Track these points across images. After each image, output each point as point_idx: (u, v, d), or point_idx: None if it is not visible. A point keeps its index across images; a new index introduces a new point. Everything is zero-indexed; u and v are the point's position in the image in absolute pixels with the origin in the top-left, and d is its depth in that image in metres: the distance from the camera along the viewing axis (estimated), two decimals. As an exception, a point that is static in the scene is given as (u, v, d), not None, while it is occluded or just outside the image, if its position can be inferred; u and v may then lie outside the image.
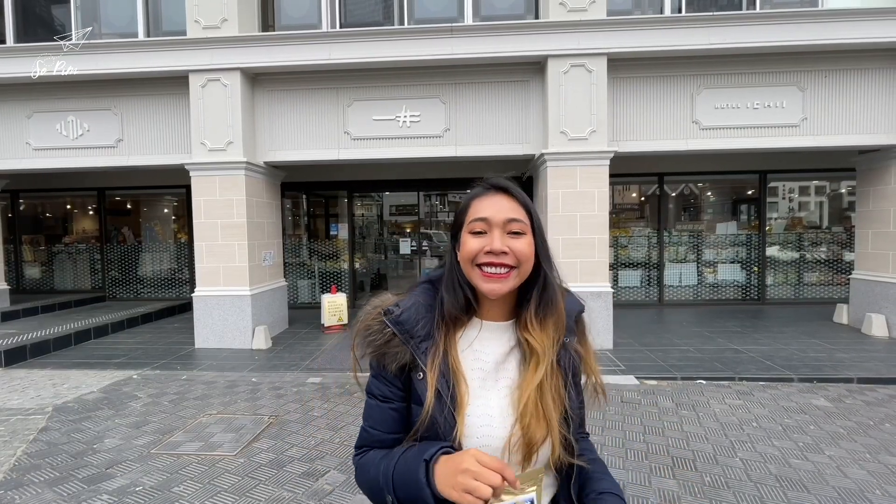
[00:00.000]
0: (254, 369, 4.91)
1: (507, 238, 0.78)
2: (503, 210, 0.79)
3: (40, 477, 2.82)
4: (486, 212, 0.79)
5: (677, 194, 8.44)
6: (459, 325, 0.83)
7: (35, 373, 4.87)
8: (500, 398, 0.80)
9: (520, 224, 0.79)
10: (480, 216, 0.79)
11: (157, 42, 5.69)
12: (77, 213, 9.67)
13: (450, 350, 0.81)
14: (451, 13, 5.99)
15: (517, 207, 0.80)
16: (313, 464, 2.96)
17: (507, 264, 0.77)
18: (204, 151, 5.68)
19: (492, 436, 0.77)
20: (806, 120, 5.56)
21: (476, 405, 0.79)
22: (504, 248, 0.77)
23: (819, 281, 8.06)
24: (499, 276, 0.77)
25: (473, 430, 0.77)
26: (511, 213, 0.79)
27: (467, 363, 0.81)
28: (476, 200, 0.81)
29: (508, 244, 0.78)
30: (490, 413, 0.78)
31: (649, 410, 3.75)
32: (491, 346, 0.83)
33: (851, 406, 3.77)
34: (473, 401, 0.79)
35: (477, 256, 0.78)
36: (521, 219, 0.79)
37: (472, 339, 0.83)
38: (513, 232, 0.79)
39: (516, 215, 0.79)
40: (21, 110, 6.14)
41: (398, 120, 5.83)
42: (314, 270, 8.64)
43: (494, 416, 0.78)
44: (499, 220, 0.78)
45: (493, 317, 0.84)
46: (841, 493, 2.57)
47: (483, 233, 0.79)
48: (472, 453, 0.69)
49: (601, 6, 5.37)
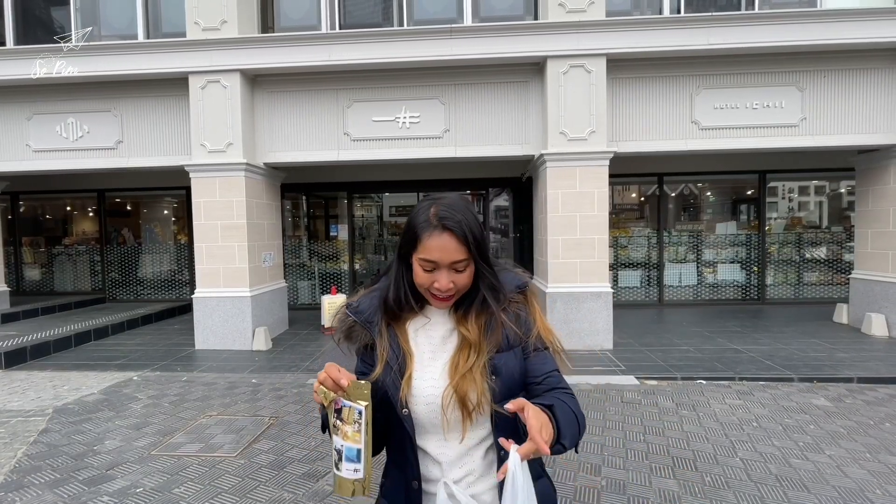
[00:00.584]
0: (254, 370, 4.91)
1: (452, 274, 0.94)
2: (449, 253, 0.92)
3: (41, 478, 2.82)
4: (435, 255, 0.93)
5: (677, 194, 8.44)
6: (410, 313, 1.03)
7: (35, 374, 4.87)
8: (442, 365, 0.99)
9: (463, 263, 0.94)
10: (429, 258, 0.93)
11: (156, 44, 5.69)
12: (77, 214, 9.68)
13: (398, 332, 1.01)
14: (450, 14, 6.00)
15: (460, 248, 0.93)
16: (314, 465, 2.96)
17: (452, 294, 0.97)
18: (204, 153, 5.68)
19: (435, 394, 0.96)
20: (805, 120, 5.57)
21: (424, 371, 0.98)
22: (450, 285, 0.94)
23: (819, 281, 8.06)
24: (446, 299, 0.98)
25: (420, 391, 0.96)
26: (456, 254, 0.93)
27: (419, 341, 1.02)
28: (426, 237, 0.93)
29: (453, 279, 0.95)
30: (434, 377, 0.98)
31: (649, 410, 3.75)
32: (437, 328, 1.03)
33: (851, 406, 3.77)
34: (422, 368, 0.99)
35: (429, 287, 0.96)
36: (464, 258, 0.93)
37: (423, 323, 1.04)
38: (457, 270, 0.94)
39: (460, 256, 0.93)
40: (21, 112, 6.15)
41: (398, 121, 5.83)
42: (314, 271, 8.64)
43: (437, 379, 0.97)
44: (445, 263, 0.93)
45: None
46: (841, 492, 2.57)
47: (432, 270, 0.95)
48: (327, 366, 0.87)
49: (600, 7, 5.38)
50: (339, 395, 0.85)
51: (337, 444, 0.86)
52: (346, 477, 0.86)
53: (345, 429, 0.85)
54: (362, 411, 0.84)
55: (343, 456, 0.85)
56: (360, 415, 0.84)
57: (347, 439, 0.85)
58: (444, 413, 0.94)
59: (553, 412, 0.85)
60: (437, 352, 1.01)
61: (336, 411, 0.85)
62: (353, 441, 0.84)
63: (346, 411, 0.85)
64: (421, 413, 0.96)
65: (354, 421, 0.84)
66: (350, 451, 0.85)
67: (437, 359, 1.00)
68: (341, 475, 0.86)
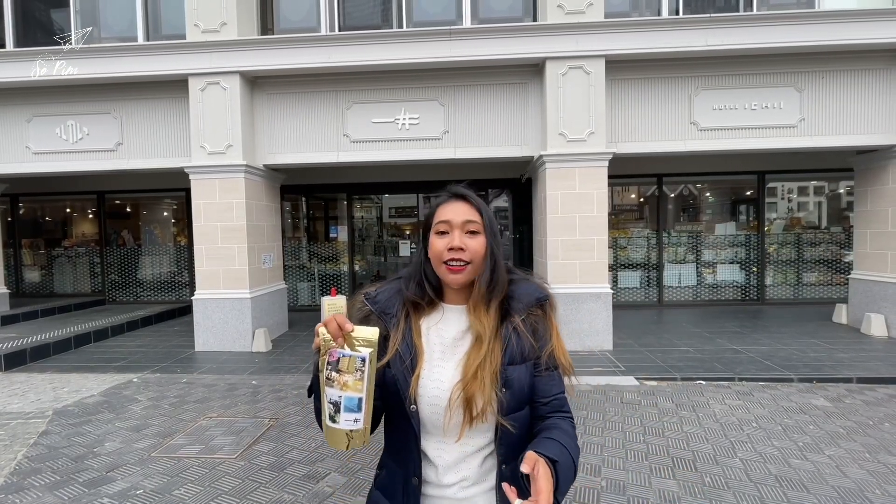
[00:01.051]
0: (254, 372, 4.91)
1: (465, 237, 0.98)
2: (461, 214, 0.98)
3: (41, 481, 2.82)
4: (448, 215, 0.99)
5: (676, 195, 8.45)
6: (424, 309, 1.03)
7: (35, 376, 4.87)
8: (452, 366, 0.98)
9: (475, 225, 0.98)
10: (444, 219, 0.99)
11: (156, 46, 5.70)
12: (76, 216, 9.68)
13: (413, 327, 1.01)
14: (449, 16, 6.01)
15: (473, 212, 0.99)
16: (314, 466, 2.97)
17: (464, 259, 0.97)
18: (203, 154, 5.69)
19: (440, 396, 0.95)
20: (803, 121, 5.58)
21: (432, 370, 0.97)
22: (461, 244, 0.96)
23: (818, 281, 8.07)
24: (459, 268, 0.97)
25: (426, 390, 0.96)
26: (468, 215, 0.98)
27: (430, 338, 1.01)
28: (441, 207, 1.01)
29: (465, 242, 0.97)
30: (441, 378, 0.97)
31: (649, 411, 3.75)
32: (450, 326, 1.02)
33: (851, 406, 3.78)
34: (430, 367, 0.98)
35: (443, 254, 0.97)
36: (476, 220, 0.99)
37: (437, 320, 1.03)
38: (470, 231, 0.98)
39: (472, 217, 0.98)
40: (21, 114, 6.15)
41: (397, 122, 5.84)
42: (314, 273, 8.65)
43: (444, 381, 0.96)
44: (458, 222, 0.98)
45: (453, 301, 1.04)
46: (841, 492, 2.57)
47: (446, 233, 0.98)
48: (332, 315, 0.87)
49: (599, 8, 5.39)
50: (337, 343, 0.83)
51: (333, 396, 0.84)
52: (344, 428, 0.84)
53: (343, 379, 0.83)
54: (366, 358, 0.83)
55: (342, 406, 0.83)
56: (364, 362, 0.83)
57: (347, 389, 0.83)
58: (447, 412, 0.93)
59: (556, 470, 0.82)
60: (448, 353, 1.00)
61: (331, 364, 0.84)
62: (353, 390, 0.83)
63: (345, 361, 0.83)
64: (424, 413, 0.96)
65: (356, 369, 0.83)
66: (350, 400, 0.83)
67: (447, 359, 0.99)
68: (338, 427, 0.84)
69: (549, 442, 0.89)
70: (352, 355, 0.83)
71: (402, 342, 0.99)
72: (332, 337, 0.84)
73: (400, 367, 0.97)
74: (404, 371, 0.96)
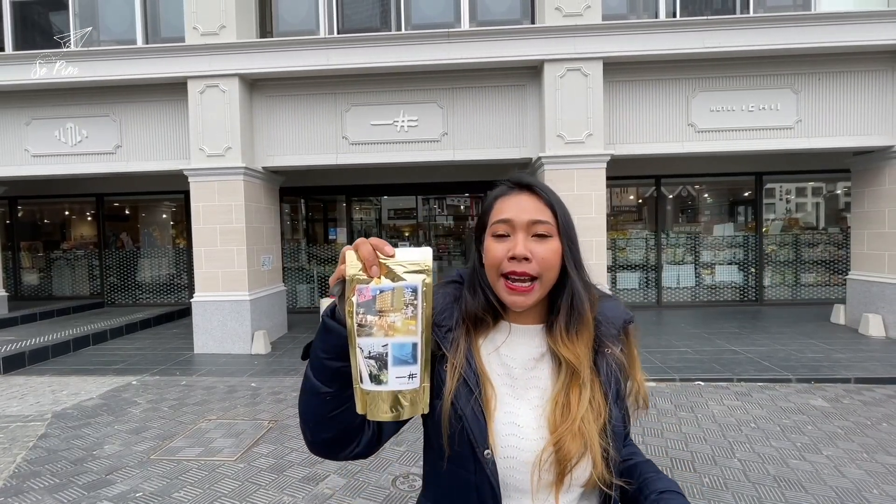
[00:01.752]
0: (253, 374, 4.91)
1: (532, 242, 0.74)
2: (527, 210, 0.75)
3: (40, 484, 2.82)
4: (509, 213, 0.75)
5: (674, 196, 8.48)
6: (483, 327, 0.79)
7: (34, 379, 4.86)
8: (530, 408, 0.74)
9: (545, 226, 0.74)
10: (503, 217, 0.75)
11: (155, 49, 5.71)
12: (75, 219, 9.68)
13: (473, 350, 0.77)
14: (448, 18, 6.03)
15: (542, 208, 0.75)
16: (313, 468, 2.97)
17: (530, 274, 0.73)
18: (203, 157, 5.69)
19: (519, 447, 0.71)
20: (800, 122, 5.60)
21: (502, 412, 0.73)
22: (527, 252, 0.72)
23: (816, 282, 8.09)
24: (523, 289, 0.73)
25: (499, 440, 0.71)
26: (535, 213, 0.75)
27: (492, 367, 0.77)
28: (499, 200, 0.78)
29: (532, 249, 0.73)
30: (518, 423, 0.73)
31: (648, 412, 3.75)
32: (519, 351, 0.78)
33: (849, 406, 3.79)
34: (500, 407, 0.74)
35: (502, 265, 0.74)
36: (547, 220, 0.75)
37: (498, 343, 0.79)
38: (538, 234, 0.74)
39: (541, 216, 0.75)
40: (20, 117, 6.16)
41: (396, 124, 5.86)
42: (313, 275, 8.65)
43: (523, 427, 0.72)
44: (522, 222, 0.74)
45: (522, 320, 0.79)
46: (839, 492, 2.58)
47: (507, 235, 0.75)
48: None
49: (596, 11, 5.41)
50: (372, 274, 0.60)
51: (374, 347, 0.60)
52: (394, 389, 0.61)
53: (387, 320, 0.59)
54: (417, 288, 0.60)
55: (390, 359, 0.60)
56: (416, 293, 0.60)
57: (396, 332, 0.60)
58: (535, 472, 0.70)
59: None
60: (518, 387, 0.76)
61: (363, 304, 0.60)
62: (405, 333, 0.60)
63: (386, 297, 0.59)
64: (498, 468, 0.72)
65: (406, 304, 0.60)
66: (402, 348, 0.60)
67: (520, 396, 0.76)
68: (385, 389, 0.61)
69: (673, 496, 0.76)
70: (396, 287, 0.60)
71: (468, 368, 0.74)
72: (365, 265, 0.60)
73: (468, 402, 0.72)
74: (473, 408, 0.72)
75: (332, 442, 0.72)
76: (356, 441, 0.73)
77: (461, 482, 0.73)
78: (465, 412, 0.71)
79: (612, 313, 0.81)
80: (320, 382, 0.68)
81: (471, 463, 0.71)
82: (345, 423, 0.70)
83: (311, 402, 0.70)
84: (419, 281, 0.60)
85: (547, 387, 0.76)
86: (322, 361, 0.67)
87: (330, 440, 0.72)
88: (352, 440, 0.73)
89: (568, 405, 0.72)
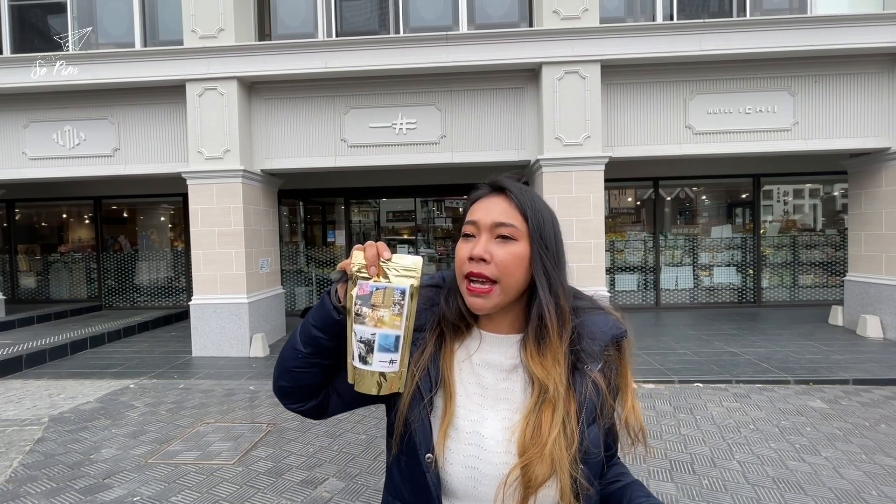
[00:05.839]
0: (252, 377, 4.89)
1: (493, 244, 0.71)
2: (493, 213, 0.72)
3: (37, 488, 2.80)
4: (477, 214, 0.73)
5: (672, 198, 8.50)
6: (459, 333, 0.78)
7: (31, 383, 4.84)
8: (497, 419, 0.72)
9: (510, 229, 0.71)
10: (471, 219, 0.74)
11: (154, 52, 5.72)
12: (73, 221, 9.66)
13: (444, 356, 0.76)
14: (446, 21, 6.05)
15: (511, 210, 0.72)
16: (312, 471, 2.96)
17: (486, 276, 0.70)
18: (201, 160, 5.69)
19: (481, 458, 0.69)
20: (797, 124, 5.63)
21: (465, 420, 0.72)
22: (484, 254, 0.70)
23: (814, 283, 8.11)
24: (480, 290, 0.71)
25: (460, 448, 0.71)
26: (501, 216, 0.71)
27: (463, 375, 0.76)
28: (476, 202, 0.76)
29: (492, 250, 0.70)
30: (483, 433, 0.71)
31: (647, 414, 3.76)
32: (491, 360, 0.76)
33: (847, 407, 3.80)
34: (464, 416, 0.72)
35: (463, 266, 0.72)
36: (513, 223, 0.71)
37: (471, 351, 0.77)
38: (501, 236, 0.71)
39: (507, 219, 0.71)
40: (17, 120, 6.15)
41: (394, 127, 5.87)
42: (311, 277, 8.64)
43: (487, 438, 0.70)
44: (486, 223, 0.72)
45: (495, 328, 0.77)
46: (837, 494, 2.58)
47: (473, 236, 0.73)
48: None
49: (594, 14, 5.44)
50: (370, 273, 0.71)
51: (365, 334, 0.71)
52: (377, 370, 0.72)
53: (377, 314, 0.70)
54: (405, 290, 0.70)
55: (375, 346, 0.71)
56: (403, 295, 0.70)
57: (383, 325, 0.70)
58: (500, 492, 0.68)
59: None
60: (489, 397, 0.74)
61: (361, 297, 0.71)
62: (390, 327, 0.70)
63: (379, 294, 0.70)
64: (455, 476, 0.71)
65: (394, 303, 0.70)
66: (386, 338, 0.71)
67: (489, 406, 0.73)
68: (370, 369, 0.72)
69: None
70: (388, 287, 0.70)
71: (425, 371, 0.75)
72: (367, 264, 0.71)
73: (418, 405, 0.73)
74: (420, 412, 0.73)
75: (287, 392, 0.82)
76: (305, 402, 0.83)
77: (410, 474, 0.75)
78: (412, 415, 0.73)
79: (598, 327, 0.77)
80: (301, 342, 0.78)
81: (415, 464, 0.73)
82: (301, 381, 0.80)
83: (287, 352, 0.81)
84: (408, 284, 0.71)
85: (519, 400, 0.73)
86: (309, 327, 0.77)
87: (286, 389, 0.82)
88: (302, 398, 0.83)
89: (539, 427, 0.68)
